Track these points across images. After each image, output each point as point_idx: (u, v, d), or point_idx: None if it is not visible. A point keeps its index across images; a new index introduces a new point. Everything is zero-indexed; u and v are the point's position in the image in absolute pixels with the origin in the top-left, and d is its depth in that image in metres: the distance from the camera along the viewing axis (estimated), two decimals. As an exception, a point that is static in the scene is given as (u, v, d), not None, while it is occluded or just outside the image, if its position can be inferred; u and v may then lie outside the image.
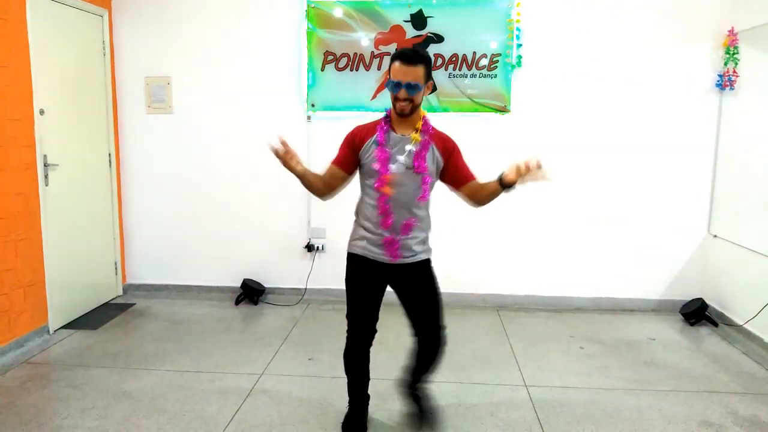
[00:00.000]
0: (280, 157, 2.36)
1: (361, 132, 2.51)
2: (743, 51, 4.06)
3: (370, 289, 2.56)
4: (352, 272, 2.60)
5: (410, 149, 2.42)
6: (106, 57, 4.43)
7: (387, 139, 2.45)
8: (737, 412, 2.94)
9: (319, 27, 4.36)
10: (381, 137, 2.45)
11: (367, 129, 2.52)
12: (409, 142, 2.43)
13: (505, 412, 2.92)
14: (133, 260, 4.77)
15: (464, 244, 4.48)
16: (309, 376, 3.31)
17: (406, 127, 2.46)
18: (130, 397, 3.03)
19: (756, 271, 3.81)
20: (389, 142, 2.44)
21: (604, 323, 4.23)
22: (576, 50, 4.29)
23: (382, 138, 2.44)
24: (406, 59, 2.33)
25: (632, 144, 4.36)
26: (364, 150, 2.47)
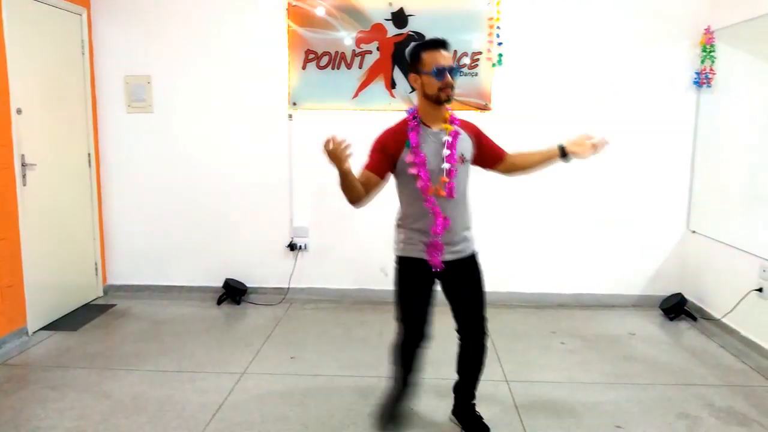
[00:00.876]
0: (334, 150, 2.14)
1: (392, 136, 2.40)
2: (720, 49, 4.12)
3: (421, 290, 2.52)
4: (403, 276, 2.52)
5: (446, 140, 2.39)
6: (85, 56, 4.39)
7: (421, 139, 2.38)
8: (713, 403, 2.98)
9: (300, 25, 4.35)
10: (414, 138, 2.36)
11: (397, 132, 2.41)
12: (445, 135, 2.40)
13: (486, 407, 2.92)
14: (113, 261, 4.73)
15: (446, 241, 4.50)
16: (291, 375, 3.30)
17: (437, 121, 2.41)
18: (109, 398, 3.01)
19: (733, 266, 3.87)
20: (424, 141, 2.38)
21: (585, 319, 4.27)
22: (556, 49, 4.33)
23: (416, 139, 2.37)
24: (444, 45, 2.36)
25: (612, 141, 4.38)
26: (403, 155, 2.37)
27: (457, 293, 2.57)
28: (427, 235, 2.42)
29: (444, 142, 2.38)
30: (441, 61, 2.31)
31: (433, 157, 2.38)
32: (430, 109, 2.40)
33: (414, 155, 2.36)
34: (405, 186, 2.45)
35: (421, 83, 2.38)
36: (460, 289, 2.56)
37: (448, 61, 2.33)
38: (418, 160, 2.36)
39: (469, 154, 2.47)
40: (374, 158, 2.40)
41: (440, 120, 2.42)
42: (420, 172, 2.36)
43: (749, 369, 3.41)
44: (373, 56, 4.37)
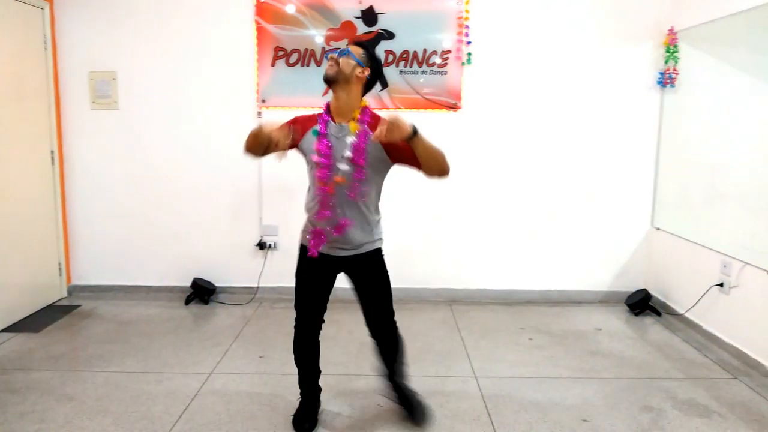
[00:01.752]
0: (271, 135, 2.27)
1: (301, 120, 2.49)
2: (683, 50, 4.21)
3: (315, 279, 2.58)
4: (301, 263, 2.62)
5: (351, 141, 2.39)
6: (47, 51, 4.29)
7: (327, 130, 2.42)
8: (676, 396, 3.05)
9: (269, 22, 4.32)
10: (322, 128, 2.43)
11: (306, 118, 2.51)
12: (348, 132, 2.40)
13: (455, 403, 2.95)
14: (78, 261, 4.63)
15: (417, 239, 4.51)
16: (259, 374, 3.27)
17: (344, 116, 2.43)
18: (72, 400, 2.94)
19: (695, 262, 3.96)
20: (330, 132, 2.42)
21: (553, 315, 4.32)
22: (523, 48, 4.37)
23: (324, 129, 2.42)
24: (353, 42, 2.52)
25: (578, 140, 4.46)
26: (304, 140, 2.45)
27: (360, 291, 2.63)
28: (313, 223, 2.50)
29: (348, 142, 2.39)
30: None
31: (335, 151, 2.40)
32: (333, 101, 2.45)
33: (318, 144, 2.41)
34: (308, 172, 2.52)
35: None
36: (362, 288, 2.62)
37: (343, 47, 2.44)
38: (320, 149, 2.40)
39: (373, 156, 2.40)
40: (288, 124, 2.40)
41: (347, 116, 2.43)
42: (320, 161, 2.40)
43: (711, 362, 3.49)
44: (343, 54, 4.35)
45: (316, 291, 2.61)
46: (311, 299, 2.62)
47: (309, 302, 2.62)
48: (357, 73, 2.40)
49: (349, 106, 2.43)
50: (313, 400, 2.78)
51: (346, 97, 2.42)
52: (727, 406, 2.94)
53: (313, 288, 2.60)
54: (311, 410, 2.76)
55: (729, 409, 2.91)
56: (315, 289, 2.61)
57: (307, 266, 2.59)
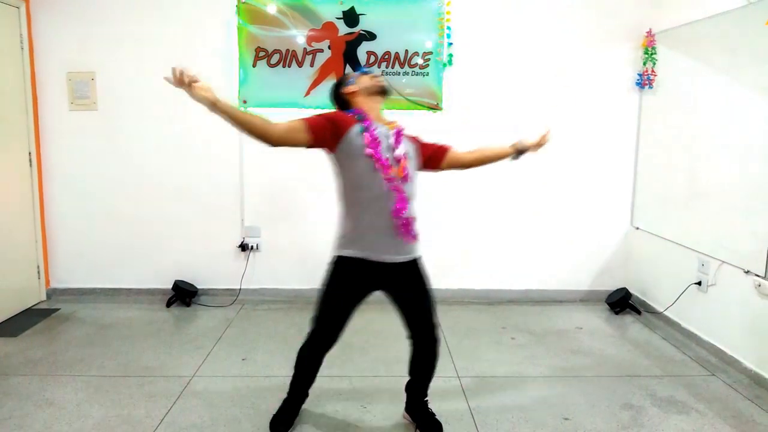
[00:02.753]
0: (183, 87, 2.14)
1: (341, 118, 2.38)
2: (660, 51, 4.27)
3: (353, 295, 2.45)
4: (340, 277, 2.44)
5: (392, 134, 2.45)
6: (24, 51, 4.22)
7: (374, 128, 2.39)
8: (656, 393, 3.09)
9: (250, 23, 4.30)
10: (368, 123, 2.38)
11: (347, 117, 2.40)
12: (390, 132, 2.45)
13: (438, 403, 2.94)
14: (57, 263, 4.57)
15: (399, 240, 4.51)
16: (242, 377, 3.26)
17: (380, 120, 2.48)
18: (52, 405, 2.90)
19: (674, 261, 4.02)
20: (378, 131, 2.40)
21: (535, 314, 4.36)
22: (504, 50, 4.41)
23: (372, 127, 2.38)
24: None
25: (558, 140, 4.47)
26: (348, 137, 2.32)
27: (406, 300, 2.55)
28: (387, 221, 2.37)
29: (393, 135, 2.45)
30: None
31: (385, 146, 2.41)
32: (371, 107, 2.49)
33: (371, 138, 2.35)
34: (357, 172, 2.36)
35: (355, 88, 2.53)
36: (410, 296, 2.54)
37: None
38: (374, 142, 2.35)
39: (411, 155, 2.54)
40: (318, 120, 2.31)
41: (381, 120, 2.51)
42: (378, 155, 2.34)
43: (689, 359, 3.55)
44: (325, 55, 4.35)
45: (348, 309, 2.47)
46: (341, 318, 2.47)
47: (337, 321, 2.47)
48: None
49: (382, 117, 2.52)
50: (296, 404, 2.75)
51: (382, 108, 2.54)
52: (705, 403, 2.99)
53: (347, 306, 2.46)
54: (290, 414, 2.73)
55: (707, 406, 2.96)
56: (348, 307, 2.47)
57: (348, 281, 2.43)
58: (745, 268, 3.33)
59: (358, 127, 2.37)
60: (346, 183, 2.42)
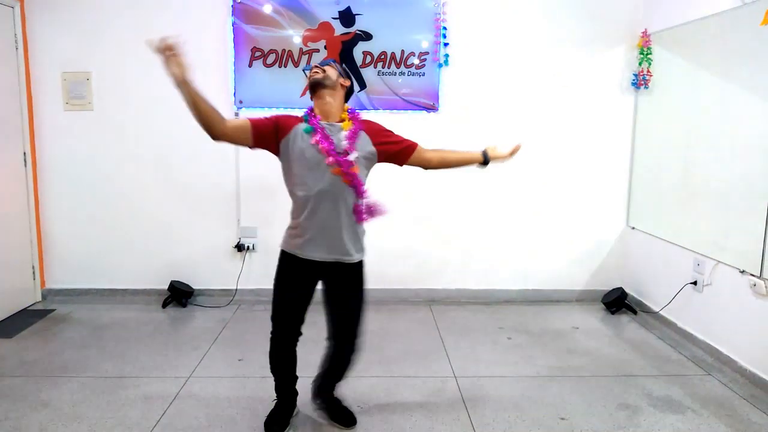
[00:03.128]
0: (161, 55, 2.14)
1: (286, 119, 2.42)
2: (656, 52, 4.27)
3: (299, 288, 2.50)
4: (283, 271, 2.53)
5: (345, 134, 2.38)
6: (18, 51, 4.20)
7: (321, 127, 2.38)
8: (652, 393, 3.10)
9: (246, 23, 4.29)
10: (314, 123, 2.37)
11: (292, 118, 2.44)
12: (340, 129, 2.39)
13: (435, 403, 2.96)
14: (52, 264, 4.55)
15: (397, 240, 4.51)
16: (238, 377, 3.25)
17: (331, 117, 2.42)
18: (47, 407, 2.89)
19: (670, 261, 4.03)
20: (324, 130, 2.37)
21: (531, 314, 4.36)
22: (500, 50, 4.41)
23: (317, 125, 2.37)
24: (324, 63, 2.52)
25: (554, 140, 4.51)
26: (289, 138, 2.36)
27: (336, 301, 2.56)
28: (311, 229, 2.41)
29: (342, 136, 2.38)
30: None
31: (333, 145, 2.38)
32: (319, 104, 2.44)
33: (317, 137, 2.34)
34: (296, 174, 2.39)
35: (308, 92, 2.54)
36: (340, 298, 2.55)
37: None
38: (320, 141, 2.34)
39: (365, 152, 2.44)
40: (263, 121, 2.39)
41: (334, 117, 2.43)
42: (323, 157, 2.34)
43: (685, 359, 3.56)
44: (321, 55, 4.34)
45: (297, 303, 2.52)
46: (292, 310, 2.53)
47: (289, 314, 2.53)
48: (341, 82, 2.46)
49: (336, 109, 2.44)
50: (288, 403, 2.76)
51: (333, 101, 2.43)
52: (701, 402, 3.00)
53: (295, 300, 2.52)
54: (284, 413, 2.74)
55: (703, 405, 2.97)
56: (296, 300, 2.52)
57: (289, 275, 2.50)
58: (741, 267, 3.34)
59: (302, 127, 2.39)
60: (287, 182, 2.48)
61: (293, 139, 2.38)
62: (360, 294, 2.57)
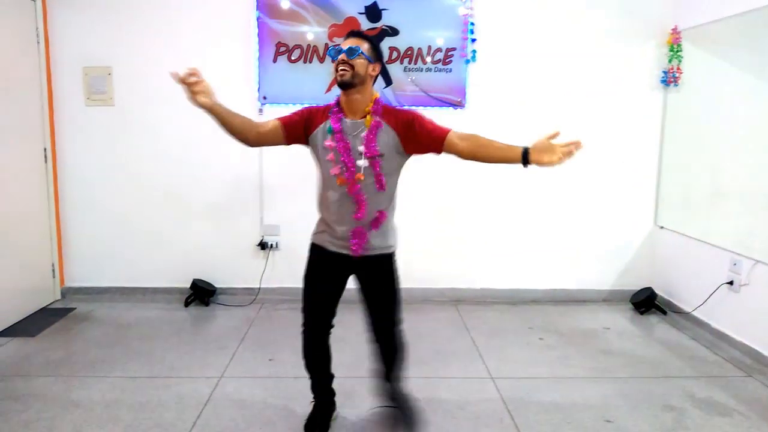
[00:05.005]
0: (185, 86, 2.17)
1: (316, 111, 2.39)
2: (686, 49, 4.22)
3: (328, 281, 2.47)
4: (312, 264, 2.50)
5: (364, 134, 2.30)
6: (40, 45, 4.13)
7: (342, 127, 2.32)
8: (694, 395, 3.04)
9: (270, 17, 4.22)
10: (336, 124, 2.31)
11: (320, 111, 2.39)
12: (363, 128, 2.31)
13: (475, 405, 2.90)
14: (72, 262, 4.47)
15: (421, 238, 4.44)
16: (271, 378, 3.18)
17: (356, 112, 2.32)
18: (78, 407, 2.82)
19: (702, 260, 3.96)
20: (344, 129, 2.31)
21: (559, 314, 4.30)
22: (528, 47, 4.34)
23: (338, 125, 2.31)
24: (351, 34, 2.35)
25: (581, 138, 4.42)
26: (315, 135, 2.35)
27: (369, 294, 2.52)
28: (344, 222, 2.37)
29: (362, 136, 2.30)
30: (339, 45, 2.30)
31: (351, 148, 2.31)
32: (345, 99, 2.33)
33: (333, 141, 2.31)
34: (322, 171, 2.41)
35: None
36: (373, 290, 2.51)
37: (348, 43, 2.29)
38: (336, 146, 2.30)
39: (388, 148, 2.32)
40: (291, 118, 2.39)
41: (359, 111, 2.32)
42: (335, 159, 2.31)
43: (723, 360, 3.50)
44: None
45: (327, 294, 2.49)
46: (322, 303, 2.49)
47: (319, 306, 2.50)
48: (370, 72, 2.33)
49: (362, 103, 2.34)
50: (326, 404, 2.70)
51: (360, 96, 2.32)
52: (746, 405, 2.94)
53: (325, 291, 2.48)
54: (324, 415, 2.68)
55: (748, 408, 2.91)
56: (327, 292, 2.48)
57: (319, 267, 2.48)
58: (782, 267, 3.28)
59: (326, 126, 2.34)
60: (318, 176, 2.46)
61: (318, 136, 2.36)
62: (391, 285, 2.51)
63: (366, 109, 2.33)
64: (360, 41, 2.31)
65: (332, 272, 2.46)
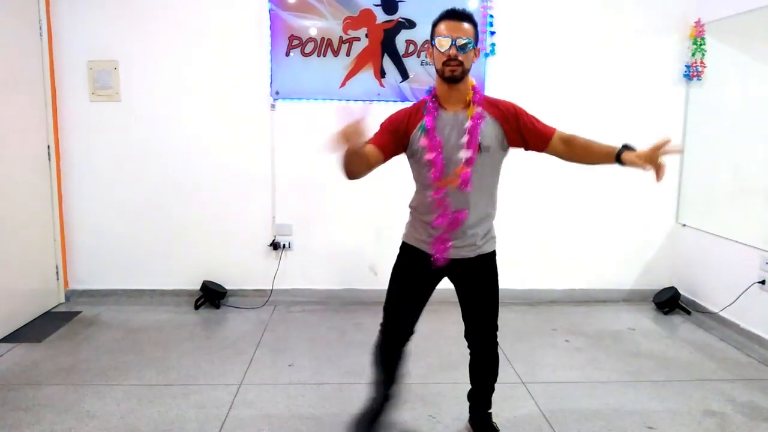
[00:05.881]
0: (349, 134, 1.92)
1: (406, 117, 2.22)
2: (710, 43, 4.12)
3: (417, 283, 2.32)
4: (402, 262, 2.36)
5: (468, 126, 2.14)
6: (42, 38, 3.96)
7: (437, 123, 2.16)
8: (734, 399, 2.93)
9: (283, 9, 4.07)
10: (429, 122, 2.15)
11: (413, 113, 2.22)
12: (465, 119, 2.14)
13: (511, 411, 2.78)
14: (76, 264, 4.30)
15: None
16: (294, 384, 3.04)
17: (456, 103, 2.17)
18: (94, 418, 2.67)
19: (730, 259, 3.86)
20: (440, 125, 2.16)
21: (581, 315, 4.19)
22: (547, 40, 4.23)
23: (431, 122, 2.15)
24: (456, 16, 2.14)
25: (602, 133, 4.27)
26: (414, 138, 2.19)
27: (466, 297, 2.39)
28: (433, 227, 2.23)
29: (465, 128, 2.14)
30: (445, 33, 2.12)
31: (449, 143, 2.15)
32: (446, 89, 2.17)
33: (429, 140, 2.15)
34: (417, 172, 2.28)
35: (432, 57, 2.21)
36: (469, 293, 2.37)
37: (457, 32, 2.09)
38: (432, 145, 2.15)
39: (494, 141, 2.18)
40: (380, 136, 2.20)
41: (460, 102, 2.18)
42: (434, 159, 2.15)
43: (756, 362, 3.40)
44: (362, 43, 4.14)
45: (414, 296, 2.34)
46: (407, 305, 2.35)
47: (404, 308, 2.35)
48: (473, 60, 2.18)
49: (463, 93, 2.18)
50: (377, 407, 2.49)
51: (462, 87, 2.17)
52: (789, 408, 2.85)
53: (413, 293, 2.33)
54: (371, 418, 2.48)
55: (793, 412, 2.82)
56: (414, 294, 2.33)
57: (408, 267, 2.34)
58: (819, 266, 3.19)
59: (420, 126, 2.19)
60: (413, 175, 2.33)
61: (416, 138, 2.20)
62: (491, 286, 2.39)
63: (467, 98, 2.18)
64: (469, 28, 2.13)
65: (424, 273, 2.30)
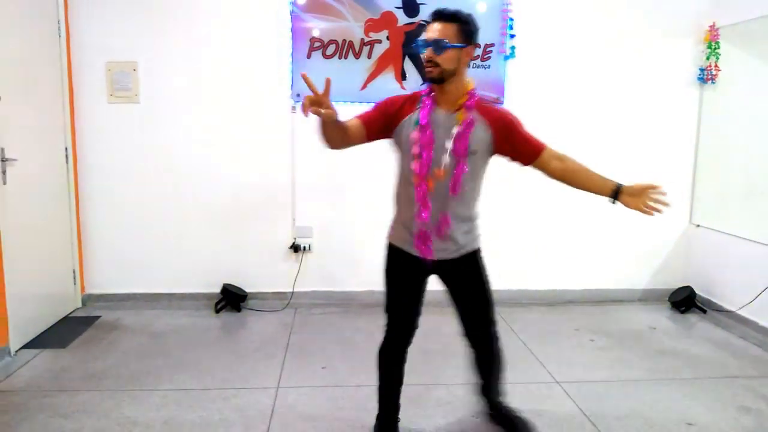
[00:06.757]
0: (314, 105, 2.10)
1: (400, 102, 2.22)
2: (724, 47, 4.20)
3: (408, 282, 2.35)
4: (390, 264, 2.37)
5: (456, 131, 2.13)
6: (61, 39, 3.90)
7: (429, 119, 2.15)
8: (766, 395, 3.00)
9: (304, 11, 4.07)
10: (424, 117, 2.14)
11: (408, 101, 2.22)
12: (455, 123, 2.14)
13: (551, 411, 2.81)
14: (93, 268, 4.25)
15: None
16: (332, 387, 3.04)
17: (447, 103, 2.16)
18: (137, 424, 2.64)
19: (747, 258, 3.94)
20: (431, 122, 2.15)
21: (600, 314, 4.24)
22: (566, 43, 4.28)
23: (426, 117, 2.14)
24: (435, 16, 2.15)
25: (617, 135, 4.40)
26: (403, 125, 2.18)
27: (456, 296, 2.40)
28: (414, 224, 2.23)
29: (452, 133, 2.14)
30: (424, 35, 2.16)
31: (437, 142, 2.15)
32: (436, 89, 2.19)
33: (419, 133, 2.15)
34: (402, 165, 2.26)
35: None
36: (458, 293, 2.39)
37: (432, 34, 2.11)
38: (420, 139, 2.15)
39: (481, 146, 2.18)
40: (370, 114, 2.22)
41: (451, 103, 2.18)
42: (419, 153, 2.15)
43: (779, 359, 3.48)
44: (383, 46, 4.15)
45: (409, 294, 2.37)
46: (405, 303, 2.38)
47: (403, 306, 2.39)
48: (463, 59, 2.15)
49: (454, 95, 2.17)
50: (386, 417, 2.52)
51: (453, 88, 2.17)
52: (820, 404, 2.92)
53: (405, 291, 2.37)
54: (390, 426, 2.52)
55: (824, 407, 2.88)
56: (407, 291, 2.37)
57: (396, 268, 2.36)
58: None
59: (414, 117, 2.18)
60: (397, 171, 2.31)
61: (404, 127, 2.20)
62: (478, 282, 2.38)
63: (459, 101, 2.17)
64: (446, 27, 2.11)
65: (411, 272, 2.33)
